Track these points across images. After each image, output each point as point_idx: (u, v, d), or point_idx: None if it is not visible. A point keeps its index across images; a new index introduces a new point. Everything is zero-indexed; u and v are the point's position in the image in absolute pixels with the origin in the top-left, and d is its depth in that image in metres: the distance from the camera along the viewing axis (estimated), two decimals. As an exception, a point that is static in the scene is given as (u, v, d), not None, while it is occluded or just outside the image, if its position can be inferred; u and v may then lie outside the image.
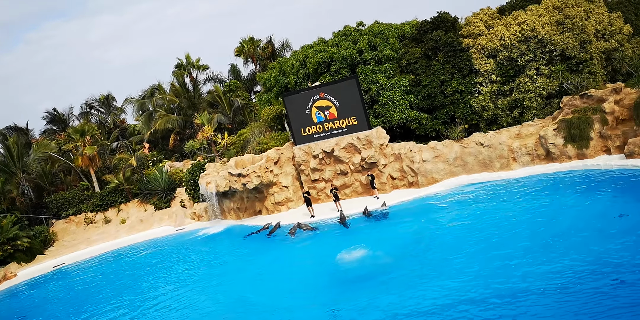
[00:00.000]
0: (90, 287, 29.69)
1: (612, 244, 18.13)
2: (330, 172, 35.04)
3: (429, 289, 18.43)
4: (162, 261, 31.61)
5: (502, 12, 36.68)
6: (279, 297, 21.20)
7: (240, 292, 22.82)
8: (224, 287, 24.16)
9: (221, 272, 26.62)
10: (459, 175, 32.32)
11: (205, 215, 39.44)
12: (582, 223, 20.95)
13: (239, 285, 23.88)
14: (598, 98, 29.79)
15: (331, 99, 34.69)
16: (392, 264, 21.80)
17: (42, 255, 40.10)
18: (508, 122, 33.95)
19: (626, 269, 16.09)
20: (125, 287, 28.06)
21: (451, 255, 20.98)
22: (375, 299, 18.64)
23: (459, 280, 18.48)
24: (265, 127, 41.92)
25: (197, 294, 23.89)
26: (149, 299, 24.89)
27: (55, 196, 46.62)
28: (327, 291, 20.85)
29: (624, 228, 19.31)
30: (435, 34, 34.67)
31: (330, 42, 39.98)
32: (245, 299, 21.95)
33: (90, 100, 64.20)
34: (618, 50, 34.01)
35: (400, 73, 36.49)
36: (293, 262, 25.85)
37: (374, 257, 23.27)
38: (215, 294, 23.43)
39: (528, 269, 17.88)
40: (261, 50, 58.77)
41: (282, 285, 22.70)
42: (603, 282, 15.68)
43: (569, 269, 17.07)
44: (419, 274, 19.94)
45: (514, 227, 22.31)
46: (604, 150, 29.01)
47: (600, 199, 23.29)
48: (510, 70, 33.51)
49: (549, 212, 23.18)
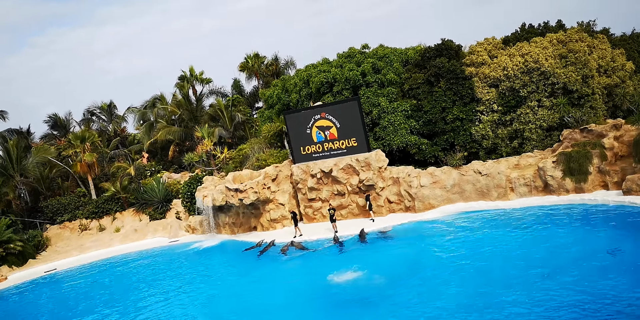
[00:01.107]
0: (79, 295, 29.55)
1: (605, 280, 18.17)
2: (328, 192, 35.12)
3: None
4: (153, 273, 31.43)
5: (507, 42, 37.10)
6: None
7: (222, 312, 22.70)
8: (209, 308, 23.93)
9: (209, 289, 26.44)
10: (456, 202, 32.41)
11: (200, 228, 39.41)
12: (574, 260, 20.92)
13: (222, 305, 23.73)
14: (598, 133, 30.07)
15: (332, 120, 34.90)
16: (382, 289, 21.84)
17: (34, 259, 39.91)
18: (507, 152, 34.17)
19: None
20: (114, 296, 27.98)
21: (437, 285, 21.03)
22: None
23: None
24: (265, 144, 42.09)
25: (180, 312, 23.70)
26: (134, 310, 24.78)
27: (52, 201, 46.54)
28: (310, 313, 20.93)
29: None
30: (439, 61, 35.04)
31: (334, 62, 40.33)
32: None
33: (92, 107, 64.47)
34: (620, 87, 34.42)
35: (402, 97, 36.79)
36: (281, 282, 25.66)
37: (364, 279, 23.30)
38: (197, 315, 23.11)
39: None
40: (265, 66, 59.20)
41: (265, 305, 22.58)
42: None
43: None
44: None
45: (505, 260, 22.27)
46: (602, 186, 29.19)
47: (595, 235, 23.34)
48: (512, 101, 33.82)
49: (541, 246, 23.14)
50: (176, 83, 59.05)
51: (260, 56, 58.98)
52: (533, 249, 22.93)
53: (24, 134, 56.09)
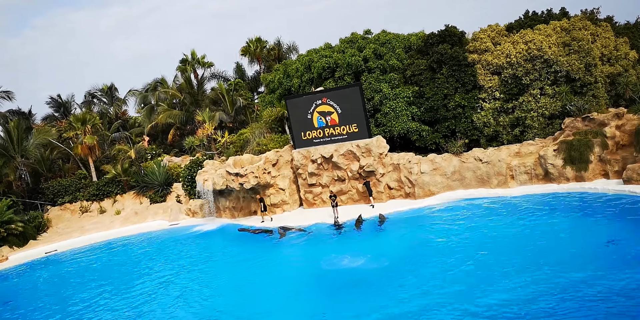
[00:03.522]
0: (79, 276, 29.70)
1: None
2: (328, 178, 35.20)
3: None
4: (153, 255, 31.65)
5: (510, 29, 36.92)
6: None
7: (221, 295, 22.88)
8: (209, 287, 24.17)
9: (209, 272, 26.65)
10: (456, 189, 32.51)
11: (200, 212, 39.58)
12: (571, 249, 21.02)
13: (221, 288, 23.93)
14: (600, 122, 30.05)
15: (333, 105, 34.86)
16: (377, 273, 22.00)
17: (35, 240, 40.12)
18: (509, 139, 34.14)
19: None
20: (114, 276, 28.23)
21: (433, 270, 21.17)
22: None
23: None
24: (266, 129, 42.07)
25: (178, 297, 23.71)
26: (133, 292, 24.93)
27: (52, 183, 46.68)
28: (306, 294, 21.26)
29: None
30: (442, 47, 34.88)
31: (336, 48, 40.17)
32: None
33: (93, 90, 64.51)
34: (622, 76, 34.31)
35: (404, 84, 36.68)
36: (279, 265, 26.00)
37: (360, 264, 23.51)
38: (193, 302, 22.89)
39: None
40: (267, 51, 59.01)
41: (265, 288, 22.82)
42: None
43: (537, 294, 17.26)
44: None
45: (503, 248, 22.33)
46: (602, 174, 29.23)
47: (593, 224, 23.40)
48: (514, 88, 33.73)
49: (539, 234, 23.23)
50: (178, 66, 58.98)
51: (262, 40, 58.74)
52: (531, 236, 23.00)
53: (25, 115, 56.17)
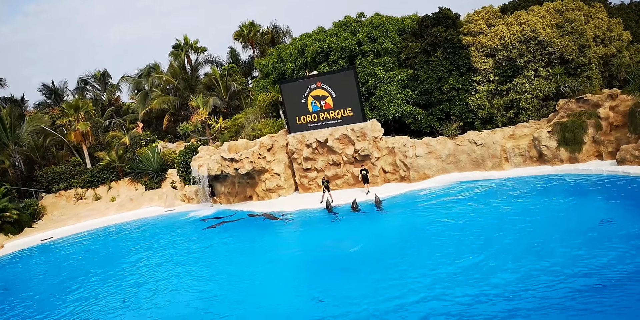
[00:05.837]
0: (75, 263, 29.73)
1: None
2: (323, 162, 35.20)
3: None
4: (150, 240, 31.66)
5: (504, 11, 36.67)
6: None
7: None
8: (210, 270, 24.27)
9: (205, 255, 26.76)
10: (450, 172, 32.58)
11: (196, 197, 39.60)
12: (564, 228, 21.11)
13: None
14: (594, 103, 30.06)
15: (328, 89, 34.73)
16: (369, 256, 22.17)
17: (31, 228, 40.17)
18: (503, 122, 34.13)
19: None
20: (109, 262, 28.25)
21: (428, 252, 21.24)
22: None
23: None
24: (261, 113, 41.95)
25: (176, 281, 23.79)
26: (131, 278, 24.98)
27: (46, 170, 46.58)
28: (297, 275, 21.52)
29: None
30: (436, 30, 34.72)
31: (329, 31, 39.90)
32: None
33: (86, 76, 64.14)
34: (616, 57, 34.21)
35: (398, 67, 36.54)
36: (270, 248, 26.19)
37: (354, 248, 23.66)
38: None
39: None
40: (261, 35, 58.66)
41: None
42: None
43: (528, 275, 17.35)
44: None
45: (498, 229, 22.47)
46: (596, 155, 29.35)
47: (587, 204, 23.53)
48: (509, 70, 33.66)
49: (533, 215, 23.31)
50: (171, 52, 58.73)
51: (256, 25, 58.36)
52: (526, 217, 23.09)
53: (17, 102, 55.92)
